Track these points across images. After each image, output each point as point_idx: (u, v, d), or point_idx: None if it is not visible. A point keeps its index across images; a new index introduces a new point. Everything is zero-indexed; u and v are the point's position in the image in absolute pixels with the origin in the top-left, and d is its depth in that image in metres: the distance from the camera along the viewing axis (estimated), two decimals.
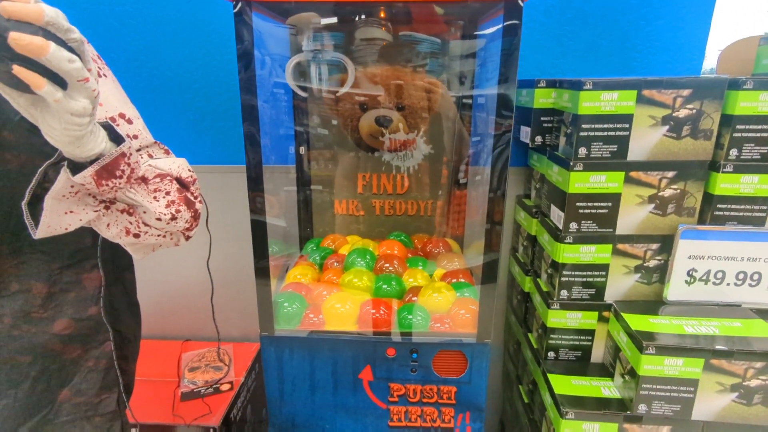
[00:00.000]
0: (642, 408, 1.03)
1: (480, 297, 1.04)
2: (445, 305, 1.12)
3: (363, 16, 1.28)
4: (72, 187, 0.60)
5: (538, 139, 1.29)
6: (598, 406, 1.08)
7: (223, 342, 1.69)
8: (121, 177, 0.61)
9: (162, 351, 1.65)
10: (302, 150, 1.49)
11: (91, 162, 0.59)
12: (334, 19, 1.24)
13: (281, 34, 1.31)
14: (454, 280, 1.23)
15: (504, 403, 1.72)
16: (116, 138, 0.62)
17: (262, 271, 1.04)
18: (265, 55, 1.20)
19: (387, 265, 1.24)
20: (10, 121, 0.72)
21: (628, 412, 1.05)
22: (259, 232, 1.02)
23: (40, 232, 0.62)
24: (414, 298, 1.15)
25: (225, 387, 1.47)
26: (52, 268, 0.83)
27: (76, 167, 0.59)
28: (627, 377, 1.07)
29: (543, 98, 1.26)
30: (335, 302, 1.11)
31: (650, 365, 1.00)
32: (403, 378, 1.10)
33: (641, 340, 1.00)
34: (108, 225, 0.67)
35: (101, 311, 0.88)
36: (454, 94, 1.44)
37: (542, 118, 1.28)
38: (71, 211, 0.62)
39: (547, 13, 1.36)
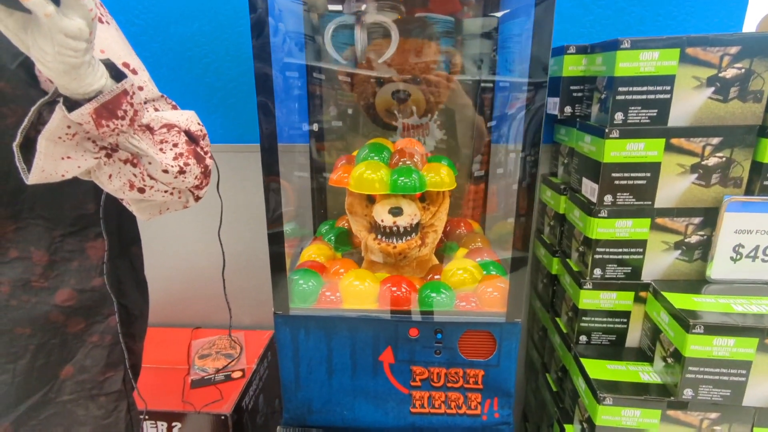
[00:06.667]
0: (688, 393, 0.95)
1: (510, 272, 0.96)
2: (471, 283, 1.05)
3: None
4: (68, 127, 0.54)
5: (567, 109, 1.22)
6: (638, 392, 1.00)
7: (235, 329, 1.63)
8: (123, 118, 0.55)
9: (171, 338, 1.59)
10: (316, 127, 1.42)
11: (90, 100, 0.53)
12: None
13: (294, 8, 1.25)
14: (479, 259, 1.15)
15: (527, 394, 1.64)
16: (117, 76, 0.55)
17: (276, 243, 0.97)
18: (278, 26, 1.14)
19: (405, 159, 1.10)
20: (6, 70, 0.67)
21: (672, 398, 0.97)
22: (273, 201, 0.95)
23: (33, 177, 0.56)
24: (436, 277, 1.08)
25: (236, 375, 1.41)
26: (54, 235, 0.78)
27: (73, 105, 0.53)
28: (670, 360, 0.99)
29: (573, 65, 1.18)
30: (353, 279, 1.04)
31: (697, 346, 0.92)
32: (427, 360, 1.03)
33: (687, 319, 0.92)
34: (110, 176, 0.61)
35: (105, 282, 0.82)
36: (471, 77, 1.37)
37: (571, 87, 1.20)
38: (68, 157, 0.56)
39: None
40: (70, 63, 0.49)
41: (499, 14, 1.29)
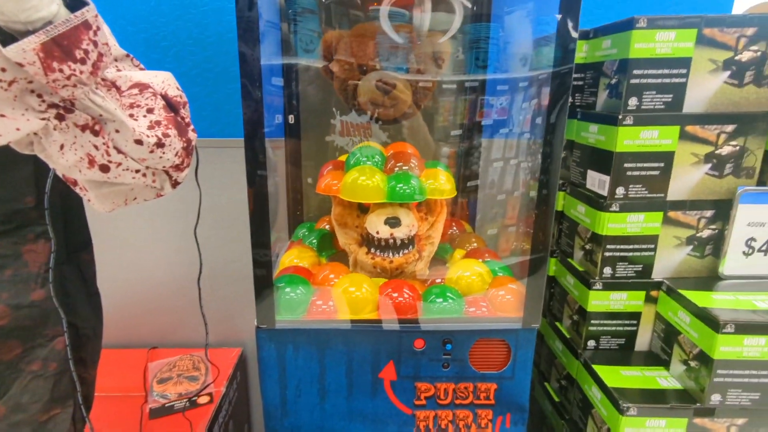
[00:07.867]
0: (715, 398, 0.88)
1: (529, 271, 0.86)
2: (481, 286, 0.94)
3: None
4: (3, 71, 0.38)
5: None
6: (660, 399, 0.92)
7: (196, 348, 1.45)
8: (83, 62, 0.40)
9: (124, 361, 1.39)
10: (291, 119, 1.28)
11: (35, 32, 0.38)
12: None
13: None
14: (481, 260, 1.05)
15: None
16: (74, 4, 0.41)
17: (260, 246, 0.83)
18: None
19: (401, 164, 0.99)
20: None
21: (699, 405, 0.90)
22: (259, 198, 0.81)
23: None
24: (437, 281, 0.97)
25: (203, 400, 1.23)
26: None
27: (10, 40, 0.38)
28: (693, 363, 0.92)
29: None
30: (348, 285, 0.91)
31: (728, 347, 0.86)
32: (433, 375, 0.91)
33: (717, 318, 0.85)
34: (62, 147, 0.45)
35: (51, 295, 0.65)
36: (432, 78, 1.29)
37: None
38: (2, 115, 0.41)
39: None
40: None
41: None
